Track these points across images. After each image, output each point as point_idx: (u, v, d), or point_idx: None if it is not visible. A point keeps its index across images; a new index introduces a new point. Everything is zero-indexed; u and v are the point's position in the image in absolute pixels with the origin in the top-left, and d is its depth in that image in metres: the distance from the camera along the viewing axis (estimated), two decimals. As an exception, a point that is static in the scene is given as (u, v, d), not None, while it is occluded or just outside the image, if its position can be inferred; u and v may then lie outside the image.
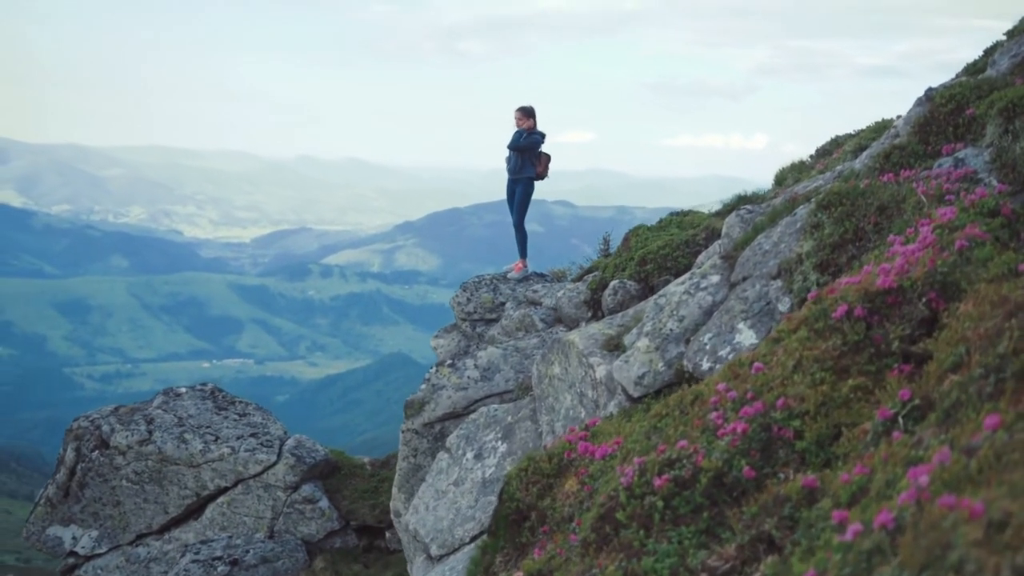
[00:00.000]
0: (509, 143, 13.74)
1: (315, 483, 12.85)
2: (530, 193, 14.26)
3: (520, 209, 14.15)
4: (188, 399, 13.78)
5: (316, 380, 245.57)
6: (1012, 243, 4.41)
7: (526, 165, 13.71)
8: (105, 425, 13.12)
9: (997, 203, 4.70)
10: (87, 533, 13.05)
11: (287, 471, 12.56)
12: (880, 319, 4.16)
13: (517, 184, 13.90)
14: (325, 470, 13.23)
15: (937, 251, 4.35)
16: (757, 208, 7.55)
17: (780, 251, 6.14)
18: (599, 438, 5.46)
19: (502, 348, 10.32)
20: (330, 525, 12.55)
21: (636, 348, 6.42)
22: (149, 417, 13.19)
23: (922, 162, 6.10)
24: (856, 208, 5.70)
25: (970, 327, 3.58)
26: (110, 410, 13.70)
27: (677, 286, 6.79)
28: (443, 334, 13.46)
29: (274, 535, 12.47)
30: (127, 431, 12.90)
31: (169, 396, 13.88)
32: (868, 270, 4.58)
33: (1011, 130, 5.53)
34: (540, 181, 13.99)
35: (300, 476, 12.64)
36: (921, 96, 6.62)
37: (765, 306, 5.92)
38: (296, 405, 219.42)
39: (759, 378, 4.29)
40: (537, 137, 13.69)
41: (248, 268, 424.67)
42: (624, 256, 10.28)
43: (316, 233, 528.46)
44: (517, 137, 13.61)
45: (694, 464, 3.86)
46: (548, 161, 13.83)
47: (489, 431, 8.15)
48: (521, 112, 13.69)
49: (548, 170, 13.87)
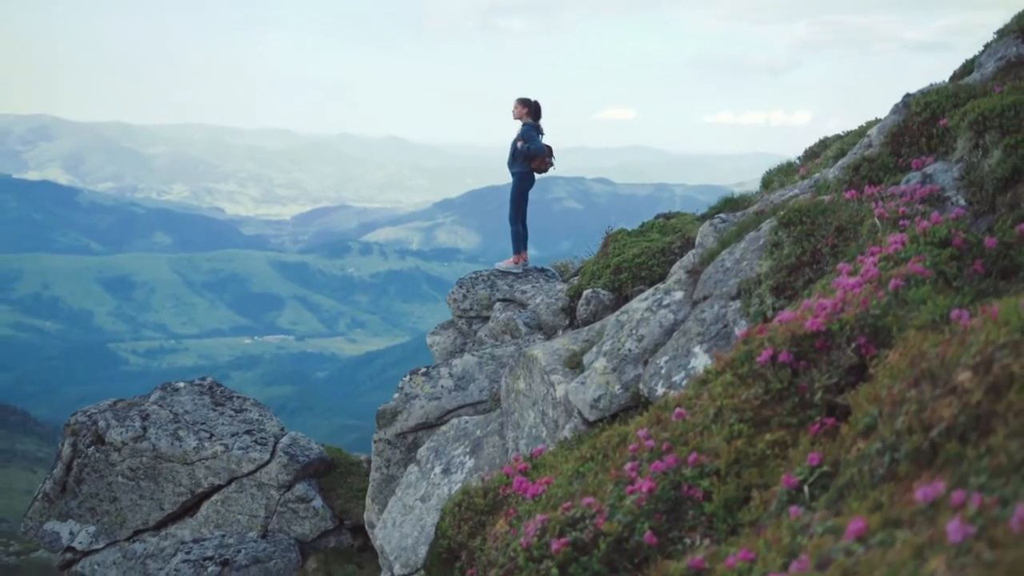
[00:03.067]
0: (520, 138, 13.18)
1: (309, 482, 12.70)
2: (524, 188, 13.79)
3: (513, 203, 13.76)
4: (186, 394, 13.68)
5: (356, 357, 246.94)
6: (957, 280, 4.07)
7: (518, 158, 13.29)
8: (101, 421, 13.06)
9: (949, 232, 4.35)
10: (85, 528, 13.02)
11: (280, 470, 12.42)
12: (807, 365, 3.84)
13: (512, 177, 13.53)
14: (320, 468, 13.07)
15: (874, 288, 4.03)
16: (731, 218, 7.21)
17: (741, 269, 5.81)
18: (539, 471, 5.19)
19: (477, 356, 10.05)
20: (324, 525, 12.41)
21: (593, 369, 6.13)
22: (145, 413, 13.11)
23: (892, 176, 5.74)
24: (816, 227, 5.37)
25: (886, 386, 3.28)
26: (108, 405, 13.65)
27: (640, 302, 6.47)
28: (440, 331, 13.20)
29: (267, 534, 12.35)
30: (122, 427, 12.83)
31: (167, 391, 13.79)
32: (807, 305, 4.26)
33: (981, 145, 5.17)
34: (541, 174, 13.54)
35: (293, 475, 12.50)
36: (898, 102, 6.24)
37: (722, 329, 5.61)
38: (336, 381, 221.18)
39: (679, 426, 4.00)
40: (539, 145, 13.12)
41: (288, 245, 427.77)
42: (600, 263, 9.94)
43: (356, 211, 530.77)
44: (527, 132, 13.07)
45: (595, 526, 3.58)
46: (550, 153, 13.33)
47: (458, 444, 7.90)
48: (519, 103, 13.25)
49: (545, 164, 13.35)
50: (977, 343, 2.79)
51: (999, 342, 2.68)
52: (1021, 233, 4.43)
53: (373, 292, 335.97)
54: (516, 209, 13.78)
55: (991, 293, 4.03)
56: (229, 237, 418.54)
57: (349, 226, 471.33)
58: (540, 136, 13.40)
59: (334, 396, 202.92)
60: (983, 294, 4.05)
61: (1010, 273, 4.28)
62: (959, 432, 2.57)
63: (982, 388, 2.60)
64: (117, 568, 12.78)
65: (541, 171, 13.51)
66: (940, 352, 3.07)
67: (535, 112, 13.32)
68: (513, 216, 13.78)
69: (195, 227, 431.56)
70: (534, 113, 13.30)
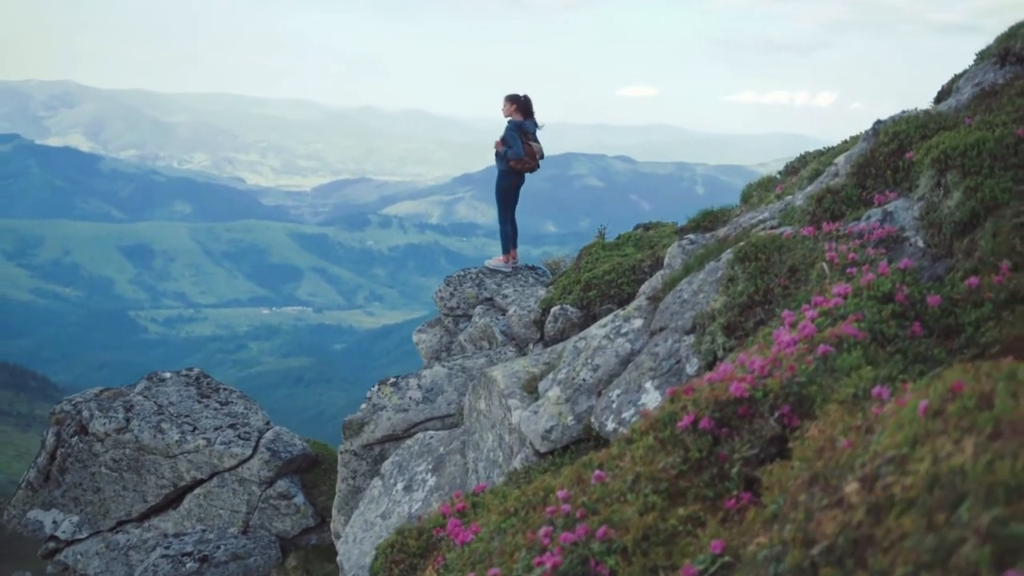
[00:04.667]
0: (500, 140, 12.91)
1: (291, 478, 12.61)
2: (506, 186, 13.36)
3: (499, 201, 13.45)
4: (172, 385, 13.59)
5: (373, 330, 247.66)
6: (895, 341, 3.88)
7: (500, 157, 12.98)
8: (85, 411, 13.01)
9: (893, 287, 4.16)
10: (68, 518, 13.00)
11: (262, 466, 12.33)
12: (729, 433, 3.66)
13: (497, 175, 13.24)
14: (303, 464, 12.97)
15: (805, 350, 3.85)
16: (700, 239, 7.00)
17: (698, 302, 5.62)
18: (478, 512, 5.04)
19: (447, 367, 9.87)
20: (305, 522, 12.33)
21: (547, 397, 5.96)
22: (129, 404, 13.03)
23: (855, 210, 5.53)
24: (771, 264, 5.18)
25: (793, 475, 3.11)
26: (93, 394, 13.59)
27: (599, 327, 6.29)
28: (427, 328, 13.02)
29: (249, 530, 12.29)
30: (105, 418, 12.77)
31: (153, 381, 13.71)
32: (741, 360, 4.09)
33: (943, 184, 4.96)
34: (529, 172, 13.18)
35: (275, 471, 12.41)
36: (869, 130, 6.01)
37: (675, 365, 5.44)
38: (353, 354, 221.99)
39: (597, 490, 3.83)
40: (517, 149, 12.75)
41: (308, 217, 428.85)
42: (572, 277, 9.71)
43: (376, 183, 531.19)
44: (508, 133, 12.72)
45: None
46: (539, 154, 12.92)
47: (421, 461, 7.75)
48: (507, 100, 12.93)
49: (533, 162, 12.94)
50: (869, 451, 2.62)
51: (886, 454, 2.50)
52: (969, 288, 4.24)
53: (392, 265, 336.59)
54: (502, 207, 13.48)
55: (927, 358, 3.85)
56: (249, 207, 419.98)
57: (369, 199, 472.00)
58: (535, 129, 13.07)
59: (351, 368, 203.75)
60: (921, 358, 3.87)
61: (953, 332, 4.09)
62: (838, 555, 2.40)
63: (864, 506, 2.43)
64: (100, 558, 12.76)
65: (530, 169, 13.16)
66: (844, 446, 2.90)
67: (524, 108, 12.94)
68: (501, 214, 13.49)
69: (215, 196, 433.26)
70: (523, 109, 12.92)
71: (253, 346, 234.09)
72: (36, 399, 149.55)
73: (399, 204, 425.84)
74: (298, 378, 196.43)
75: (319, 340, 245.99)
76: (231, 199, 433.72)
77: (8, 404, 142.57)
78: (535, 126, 13.07)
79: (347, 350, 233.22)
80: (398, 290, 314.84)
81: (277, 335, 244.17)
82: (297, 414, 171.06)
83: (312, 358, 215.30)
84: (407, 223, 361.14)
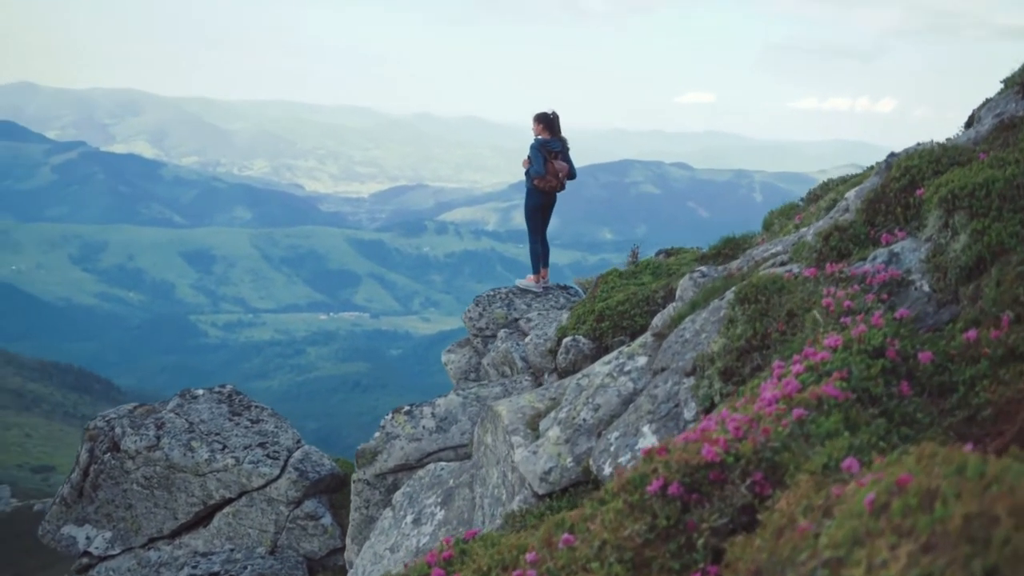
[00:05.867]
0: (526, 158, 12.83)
1: (319, 499, 12.58)
2: (533, 205, 13.27)
3: (527, 220, 13.33)
4: (204, 402, 13.64)
5: (429, 335, 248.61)
6: (878, 405, 3.68)
7: (526, 173, 12.84)
8: (118, 427, 13.10)
9: (884, 340, 3.95)
10: (101, 534, 13.10)
11: (289, 486, 12.31)
12: (700, 499, 3.49)
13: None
14: (331, 485, 12.92)
15: (784, 411, 3.66)
16: (711, 272, 6.78)
17: (700, 342, 5.43)
18: (464, 560, 4.90)
19: (462, 396, 9.73)
20: (332, 543, 12.27)
21: (547, 437, 5.80)
22: (160, 421, 13.10)
23: (862, 249, 5.30)
24: (771, 307, 4.98)
25: (755, 551, 2.94)
26: (127, 410, 13.68)
27: (603, 365, 6.12)
28: (456, 348, 12.91)
29: (276, 550, 12.27)
30: (136, 435, 12.84)
31: (185, 398, 13.77)
32: (724, 416, 3.91)
33: (951, 225, 4.73)
34: (554, 191, 12.99)
35: (303, 491, 12.38)
36: (882, 163, 5.77)
37: (673, 408, 5.25)
38: (409, 359, 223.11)
39: (564, 555, 3.67)
40: (538, 168, 12.72)
41: (366, 223, 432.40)
42: (587, 306, 9.50)
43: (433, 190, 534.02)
44: (532, 152, 12.61)
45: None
46: (564, 172, 12.73)
47: (431, 493, 7.62)
48: (534, 119, 12.77)
49: (556, 181, 12.74)
50: (816, 544, 2.45)
51: (825, 555, 2.33)
52: (967, 343, 4.02)
53: (448, 272, 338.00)
54: (531, 226, 13.33)
55: (913, 421, 3.64)
56: (307, 213, 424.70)
57: (426, 205, 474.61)
58: (563, 147, 12.89)
59: (407, 374, 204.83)
60: (907, 420, 3.66)
61: (947, 391, 3.87)
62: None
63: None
64: (132, 574, 12.83)
65: (556, 188, 12.99)
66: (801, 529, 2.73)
67: (550, 126, 12.77)
68: (530, 233, 13.35)
69: (275, 203, 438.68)
70: (549, 127, 12.76)
71: (311, 351, 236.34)
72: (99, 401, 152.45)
73: (455, 210, 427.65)
74: (355, 383, 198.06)
75: (376, 346, 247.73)
76: (290, 205, 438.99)
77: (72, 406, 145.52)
78: (562, 144, 12.88)
79: (403, 356, 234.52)
80: (454, 296, 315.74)
81: (334, 340, 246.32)
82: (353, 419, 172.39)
83: (369, 363, 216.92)
84: (463, 229, 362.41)
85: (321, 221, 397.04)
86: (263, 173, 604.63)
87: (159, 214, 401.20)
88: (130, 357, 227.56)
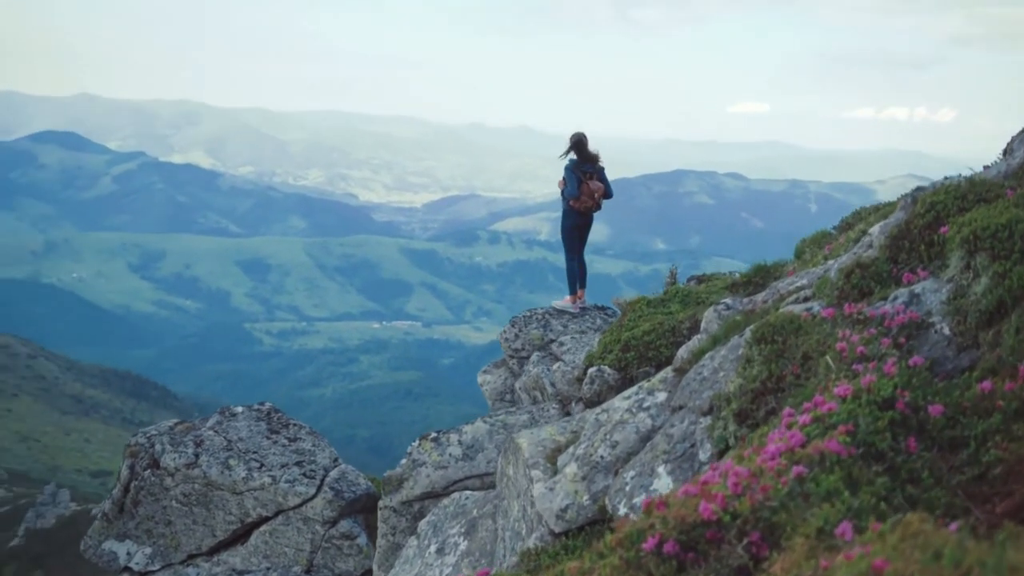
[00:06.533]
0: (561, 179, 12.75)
1: (355, 518, 12.60)
2: (569, 225, 13.18)
3: (563, 240, 13.25)
4: (243, 419, 13.74)
5: (481, 345, 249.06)
6: (883, 461, 3.57)
7: (564, 193, 12.74)
8: (158, 444, 13.24)
9: (894, 392, 3.83)
10: (141, 549, 13.23)
11: (325, 505, 12.35)
12: (696, 558, 3.40)
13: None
14: (367, 504, 12.92)
15: (785, 466, 3.57)
16: (736, 304, 6.66)
17: (717, 380, 5.33)
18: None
19: (489, 424, 9.65)
20: (367, 563, 12.26)
21: (564, 474, 5.73)
22: (199, 439, 13.21)
23: (884, 288, 5.16)
24: (787, 348, 4.87)
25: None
26: (168, 427, 13.81)
27: (623, 400, 6.03)
28: (492, 369, 12.86)
29: (312, 569, 12.31)
30: (176, 453, 12.96)
31: (224, 416, 13.89)
32: (727, 467, 3.83)
33: (972, 266, 4.60)
34: (595, 211, 12.87)
35: (338, 511, 12.40)
36: (907, 197, 5.64)
37: (688, 449, 5.16)
38: (461, 368, 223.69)
39: (560, 611, 3.63)
40: (571, 189, 12.67)
41: (419, 232, 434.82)
42: (613, 336, 9.36)
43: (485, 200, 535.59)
44: (566, 173, 12.52)
45: None
46: (600, 192, 12.58)
47: (455, 523, 7.58)
48: (569, 141, 12.64)
49: (591, 202, 12.60)
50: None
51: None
52: (981, 394, 3.90)
53: (500, 281, 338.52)
54: (567, 246, 13.25)
55: (919, 479, 3.52)
56: (361, 223, 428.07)
57: (478, 215, 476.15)
58: (597, 168, 12.74)
59: (459, 383, 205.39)
60: (913, 478, 3.55)
61: (958, 446, 3.75)
62: None
63: None
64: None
65: (590, 208, 12.85)
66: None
67: (578, 147, 12.59)
68: (567, 253, 13.27)
69: (329, 212, 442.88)
70: (577, 149, 12.60)
71: (363, 359, 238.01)
72: (156, 408, 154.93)
73: (508, 220, 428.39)
74: (407, 392, 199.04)
75: (428, 354, 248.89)
76: (344, 215, 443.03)
77: (130, 412, 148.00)
78: (595, 165, 12.73)
79: (455, 365, 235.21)
80: (506, 306, 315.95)
81: (387, 349, 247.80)
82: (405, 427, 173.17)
83: (420, 372, 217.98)
84: (515, 239, 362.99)
85: (374, 230, 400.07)
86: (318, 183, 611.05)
87: (215, 223, 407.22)
88: (186, 364, 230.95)
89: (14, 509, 69.92)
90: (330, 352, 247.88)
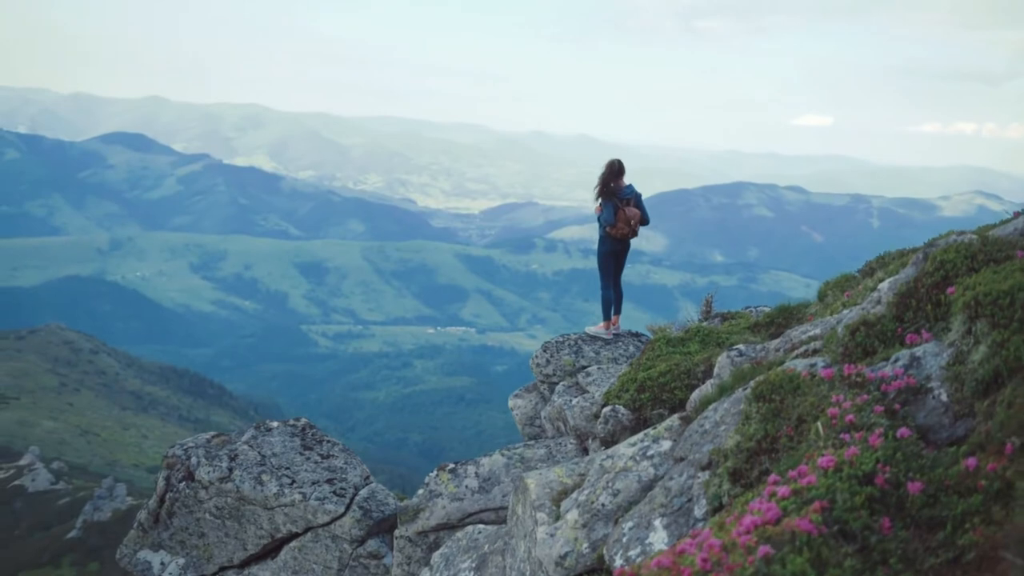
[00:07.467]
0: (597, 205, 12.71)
1: (382, 537, 12.67)
2: (605, 251, 13.10)
3: (599, 265, 13.19)
4: (277, 435, 13.90)
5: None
6: (856, 541, 3.53)
7: (600, 219, 12.67)
8: (194, 457, 13.44)
9: (875, 466, 3.79)
10: (175, 560, 13.44)
11: (353, 524, 12.44)
12: (665, 635, 3.41)
13: None
14: (396, 524, 13.00)
15: (755, 543, 3.55)
16: (748, 351, 6.59)
17: (718, 434, 5.29)
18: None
19: (507, 456, 9.63)
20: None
21: (565, 520, 5.72)
22: (234, 453, 13.39)
23: (888, 347, 5.09)
24: (784, 408, 4.82)
25: None
26: (204, 440, 14.02)
27: (628, 446, 6.00)
28: (523, 394, 12.87)
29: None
30: (210, 466, 13.15)
31: (260, 431, 14.05)
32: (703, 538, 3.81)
33: (973, 332, 4.53)
34: (632, 238, 12.80)
35: (366, 530, 12.49)
36: (920, 254, 5.55)
37: (685, 503, 5.13)
38: (514, 375, 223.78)
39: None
40: (607, 216, 12.62)
41: (476, 239, 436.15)
42: (631, 374, 9.28)
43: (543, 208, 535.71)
44: (604, 201, 12.46)
45: None
46: (636, 219, 12.50)
47: (466, 557, 7.59)
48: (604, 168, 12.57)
49: (627, 228, 12.52)
50: None
51: None
52: (965, 472, 3.83)
53: (555, 289, 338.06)
54: (603, 272, 13.19)
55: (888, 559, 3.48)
56: (419, 228, 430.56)
57: (536, 223, 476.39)
58: (633, 194, 12.65)
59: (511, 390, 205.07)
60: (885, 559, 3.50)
61: (936, 526, 3.69)
62: None
63: None
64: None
65: (626, 235, 12.76)
66: None
67: (612, 173, 12.50)
68: (602, 279, 13.22)
69: (387, 217, 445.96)
70: (616, 176, 12.52)
71: (417, 364, 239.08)
72: (213, 406, 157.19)
73: (565, 229, 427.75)
74: (459, 397, 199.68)
75: (481, 361, 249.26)
76: (402, 220, 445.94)
77: (187, 410, 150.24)
78: (631, 191, 12.64)
79: (508, 372, 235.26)
80: (561, 314, 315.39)
81: (441, 354, 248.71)
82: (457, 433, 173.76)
83: (474, 378, 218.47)
84: (572, 248, 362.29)
85: (432, 236, 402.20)
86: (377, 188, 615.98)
87: (276, 226, 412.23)
88: (243, 363, 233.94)
89: (73, 502, 71.38)
90: (384, 356, 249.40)
